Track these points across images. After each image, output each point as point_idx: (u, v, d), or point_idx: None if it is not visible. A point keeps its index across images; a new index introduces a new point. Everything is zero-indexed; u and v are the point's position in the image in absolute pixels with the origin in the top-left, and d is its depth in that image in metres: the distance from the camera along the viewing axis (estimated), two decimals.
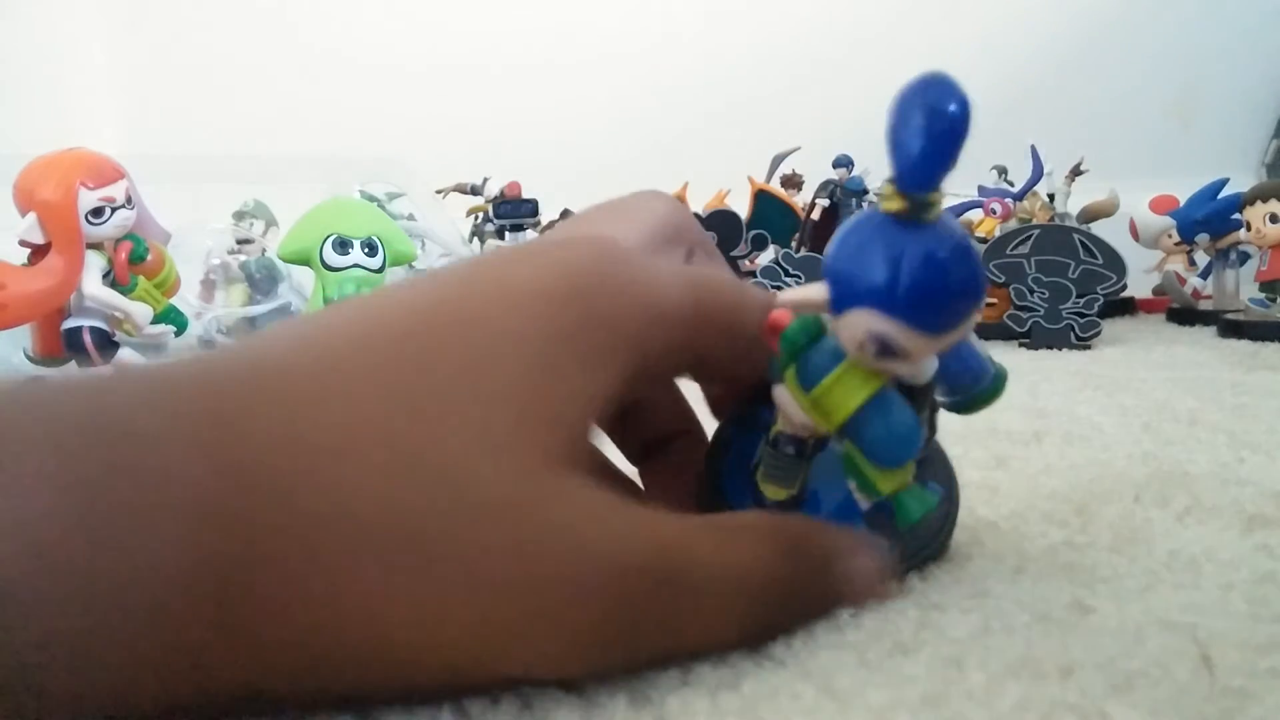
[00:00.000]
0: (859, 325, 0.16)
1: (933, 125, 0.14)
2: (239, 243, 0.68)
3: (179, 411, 0.14)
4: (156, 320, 0.43)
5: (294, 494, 0.14)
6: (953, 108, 0.14)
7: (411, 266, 0.63)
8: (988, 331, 0.62)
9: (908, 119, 0.15)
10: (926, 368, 0.18)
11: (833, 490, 0.21)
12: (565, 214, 0.78)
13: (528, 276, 0.16)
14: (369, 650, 0.14)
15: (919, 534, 0.20)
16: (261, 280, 0.68)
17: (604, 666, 0.16)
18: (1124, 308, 0.73)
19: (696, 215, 0.65)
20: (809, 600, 0.18)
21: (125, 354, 0.42)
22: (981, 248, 0.62)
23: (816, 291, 0.17)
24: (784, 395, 0.19)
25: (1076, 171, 0.74)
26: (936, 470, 0.22)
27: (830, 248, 0.17)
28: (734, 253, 0.69)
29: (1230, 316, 0.59)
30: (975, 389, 0.19)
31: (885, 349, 0.16)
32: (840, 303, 0.16)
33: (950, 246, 0.16)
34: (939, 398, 0.19)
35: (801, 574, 0.18)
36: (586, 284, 0.16)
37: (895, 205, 0.15)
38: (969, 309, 0.16)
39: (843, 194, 0.66)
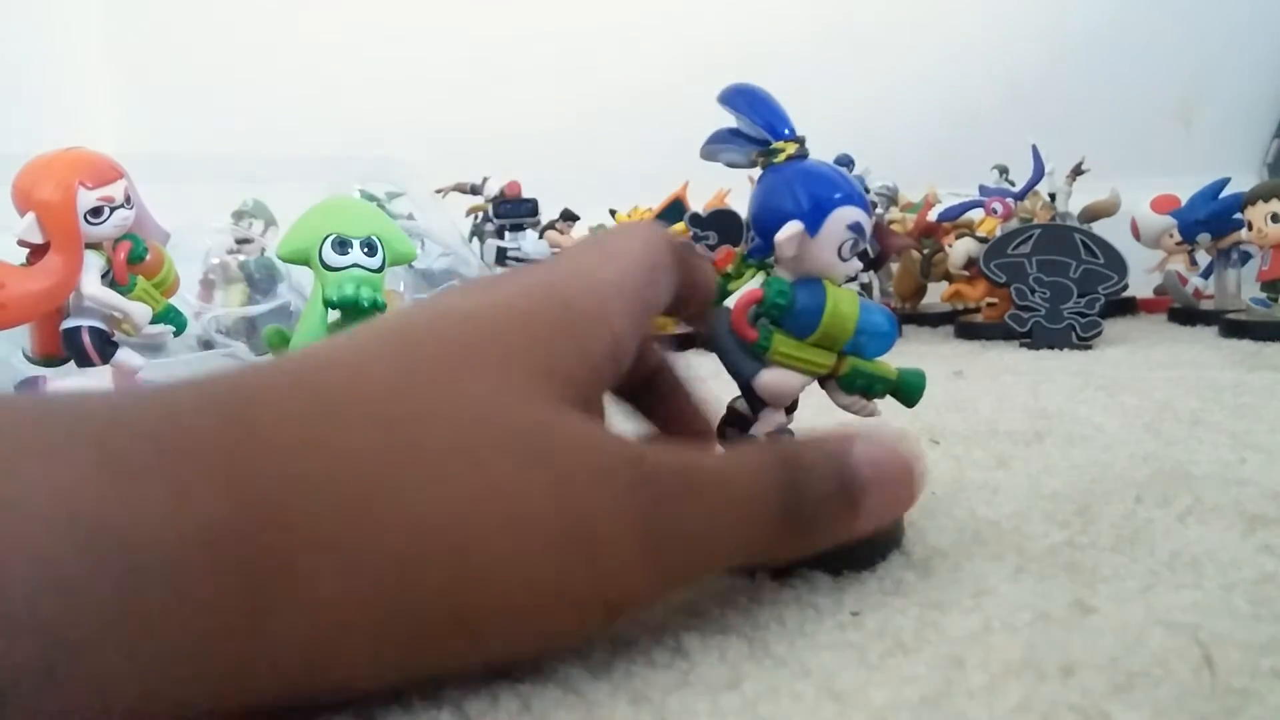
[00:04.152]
0: (841, 222, 0.21)
1: (752, 98, 0.22)
2: (238, 242, 0.68)
3: (200, 388, 0.15)
4: (155, 320, 0.43)
5: (307, 448, 0.14)
6: (746, 88, 0.22)
7: (411, 266, 0.63)
8: (989, 331, 0.62)
9: (750, 105, 0.22)
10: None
11: None
12: (565, 213, 0.78)
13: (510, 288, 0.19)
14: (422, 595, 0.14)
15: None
16: (261, 280, 0.68)
17: (653, 586, 0.16)
18: (1125, 307, 0.73)
19: (696, 215, 0.65)
20: (818, 504, 0.18)
21: (124, 354, 0.42)
22: (983, 247, 0.62)
23: (794, 228, 0.21)
24: (773, 375, 0.22)
25: (1078, 171, 0.73)
26: None
27: (777, 200, 0.21)
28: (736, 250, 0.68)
29: (1232, 316, 0.58)
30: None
31: (859, 236, 0.21)
32: (815, 218, 0.21)
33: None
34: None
35: (802, 476, 0.18)
36: (558, 289, 0.19)
37: (790, 149, 0.22)
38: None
39: None
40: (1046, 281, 0.58)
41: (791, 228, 0.21)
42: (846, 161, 0.67)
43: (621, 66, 1.14)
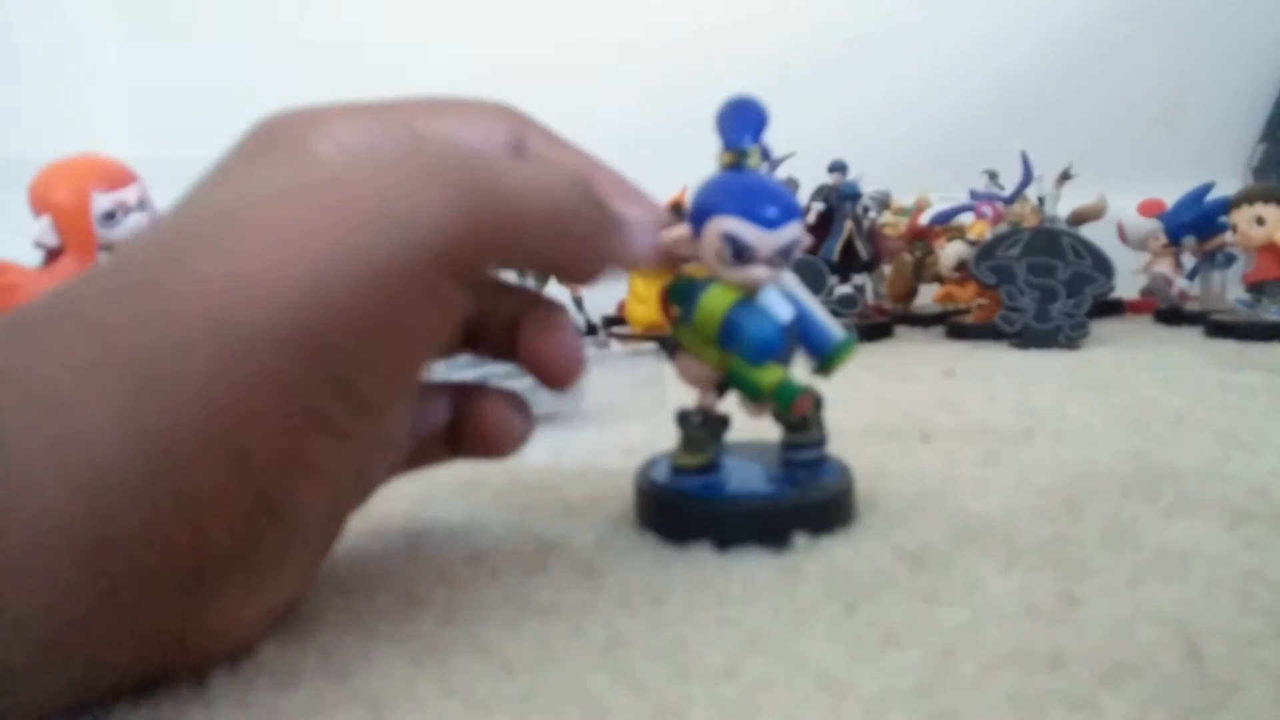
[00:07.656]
0: (714, 232, 0.21)
1: (734, 106, 0.22)
2: None
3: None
4: None
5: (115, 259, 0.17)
6: (740, 98, 0.22)
7: None
8: (980, 332, 0.63)
9: (722, 112, 0.22)
10: (781, 305, 0.22)
11: (741, 466, 0.25)
12: None
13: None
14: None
15: (829, 501, 0.23)
16: None
17: (474, 256, 0.18)
18: (1112, 309, 0.73)
19: None
20: (593, 226, 0.20)
21: None
22: (973, 250, 0.63)
23: (680, 230, 0.22)
24: (680, 360, 0.23)
25: (1065, 176, 0.74)
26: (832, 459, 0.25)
27: (691, 197, 0.22)
28: None
29: (1217, 317, 0.59)
30: (828, 350, 0.23)
31: (737, 246, 0.21)
32: (698, 223, 0.21)
33: (764, 176, 0.22)
34: (809, 366, 0.24)
35: (589, 202, 0.20)
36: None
37: (726, 159, 0.22)
38: (787, 213, 0.21)
39: (838, 198, 0.66)
40: (1035, 283, 0.58)
41: (674, 230, 0.22)
42: (841, 167, 0.67)
43: (620, 74, 1.15)
